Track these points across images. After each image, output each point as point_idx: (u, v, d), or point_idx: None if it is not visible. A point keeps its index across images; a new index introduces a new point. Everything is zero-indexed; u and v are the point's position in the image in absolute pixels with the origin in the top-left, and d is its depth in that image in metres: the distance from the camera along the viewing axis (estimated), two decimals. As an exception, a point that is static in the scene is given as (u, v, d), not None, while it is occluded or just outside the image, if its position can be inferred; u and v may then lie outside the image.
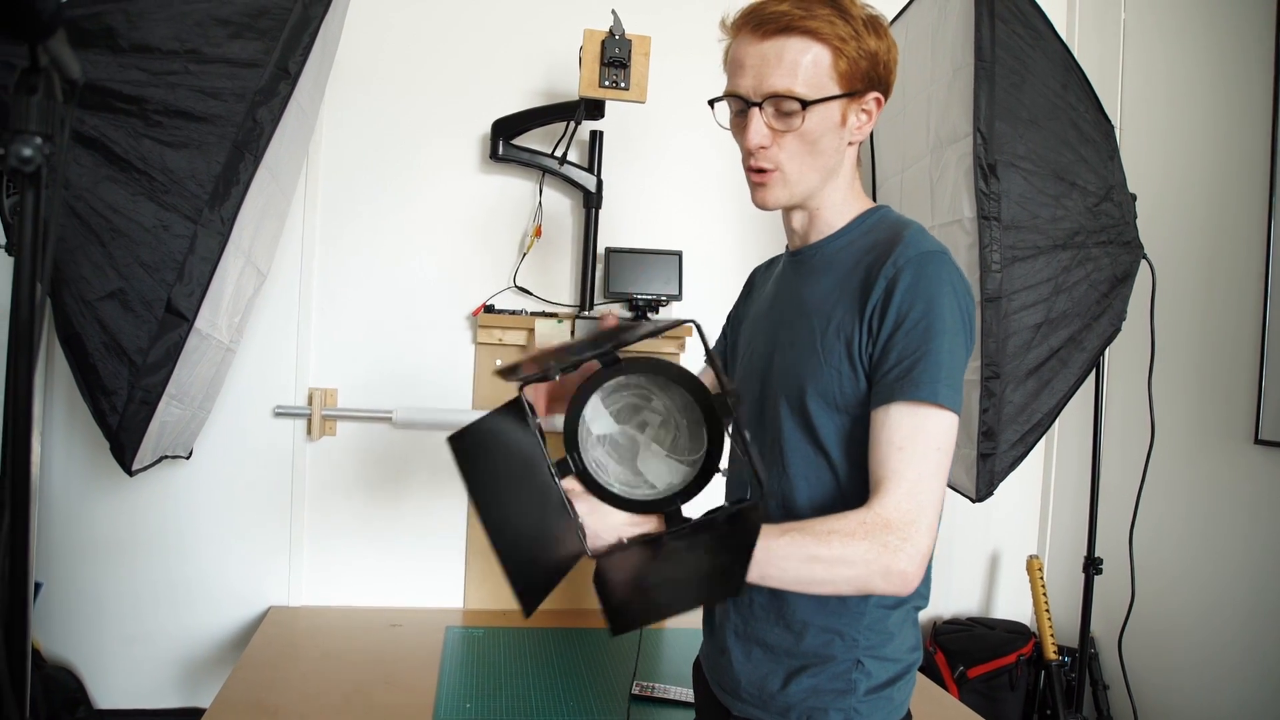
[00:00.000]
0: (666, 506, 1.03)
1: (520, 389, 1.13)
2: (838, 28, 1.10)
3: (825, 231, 1.23)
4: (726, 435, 0.99)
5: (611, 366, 1.01)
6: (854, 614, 1.16)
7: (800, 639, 1.17)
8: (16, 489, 0.82)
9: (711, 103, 1.24)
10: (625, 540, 1.05)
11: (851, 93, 1.14)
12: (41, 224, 0.81)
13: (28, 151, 0.77)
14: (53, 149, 0.79)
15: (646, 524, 1.06)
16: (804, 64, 1.11)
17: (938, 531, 1.04)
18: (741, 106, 1.16)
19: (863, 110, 1.17)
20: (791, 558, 0.99)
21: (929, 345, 1.05)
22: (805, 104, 1.11)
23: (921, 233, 1.14)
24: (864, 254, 1.16)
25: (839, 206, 1.23)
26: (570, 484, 1.05)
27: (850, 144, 1.20)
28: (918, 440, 1.04)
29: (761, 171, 1.17)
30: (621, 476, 1.06)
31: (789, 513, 1.18)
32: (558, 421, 1.08)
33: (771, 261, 1.46)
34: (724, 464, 1.00)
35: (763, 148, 1.15)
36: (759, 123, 1.13)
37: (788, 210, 1.25)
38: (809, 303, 1.20)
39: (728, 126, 1.23)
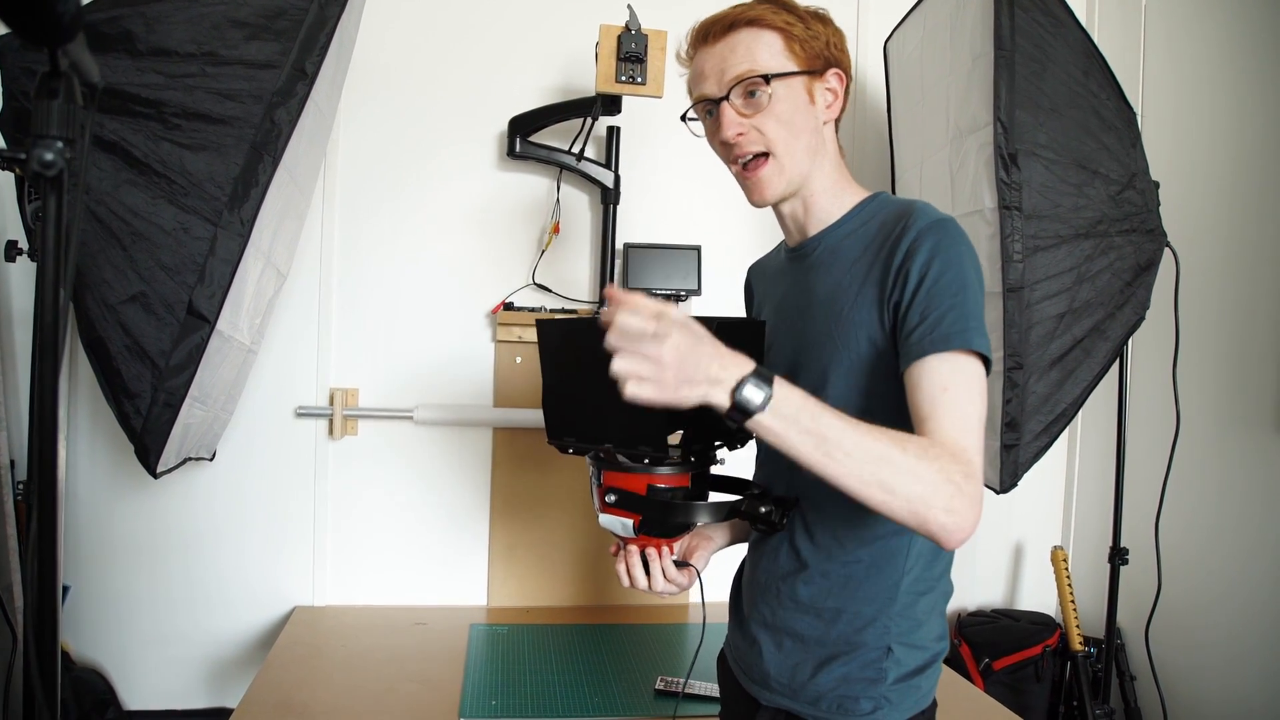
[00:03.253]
0: None
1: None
2: (781, 15, 1.17)
3: (825, 221, 1.24)
4: None
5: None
6: (886, 599, 1.16)
7: (831, 626, 1.18)
8: (43, 494, 0.82)
9: (684, 118, 1.29)
10: None
11: (811, 70, 1.18)
12: (64, 228, 0.81)
13: (50, 156, 0.77)
14: (74, 153, 0.79)
15: None
16: (759, 48, 1.16)
17: None
18: (710, 107, 1.21)
19: (827, 89, 1.21)
20: (866, 448, 0.93)
21: (956, 298, 1.05)
22: (768, 79, 1.15)
23: (928, 206, 1.15)
24: (872, 239, 1.17)
25: (833, 193, 1.24)
26: None
27: (825, 123, 1.22)
28: (959, 381, 1.03)
29: (751, 161, 1.20)
30: None
31: (816, 507, 1.19)
32: None
33: (765, 259, 1.46)
34: None
35: (740, 134, 1.18)
36: (730, 113, 1.18)
37: (780, 203, 1.25)
38: (819, 295, 1.20)
39: (704, 136, 1.28)
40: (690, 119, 1.28)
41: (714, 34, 1.19)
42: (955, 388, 1.03)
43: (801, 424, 0.92)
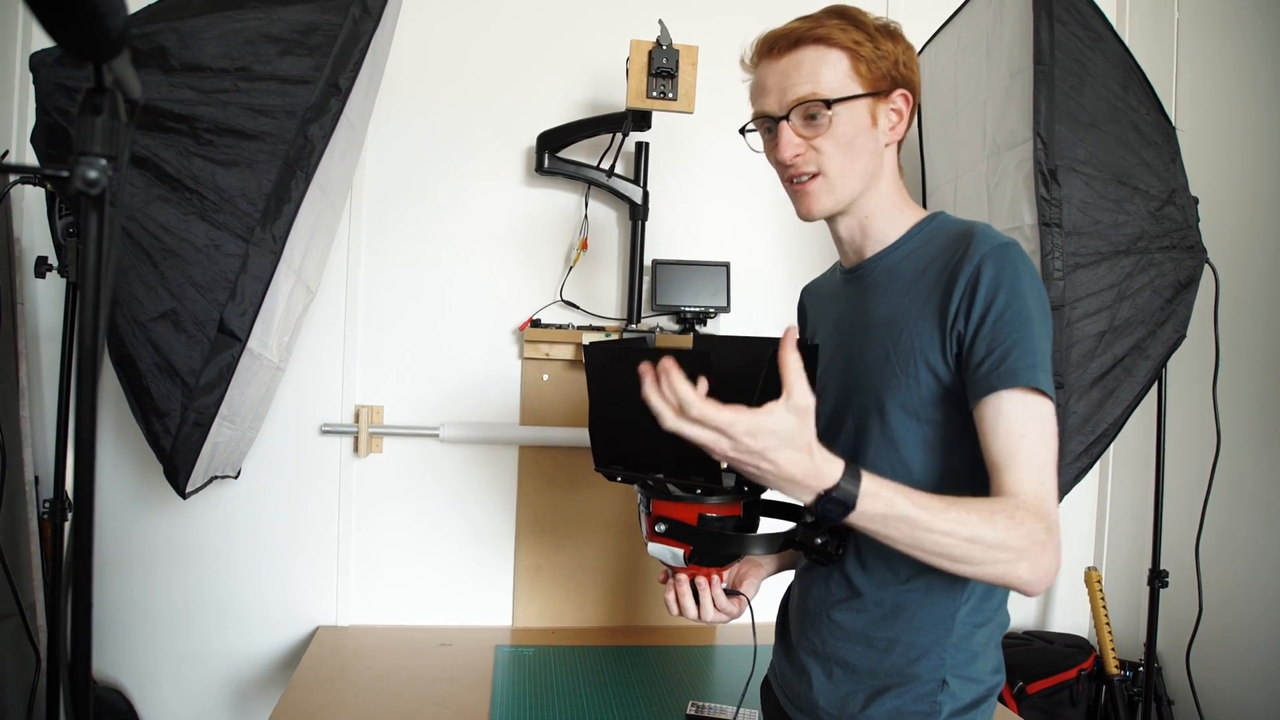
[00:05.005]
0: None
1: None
2: (850, 33, 1.13)
3: (883, 243, 1.21)
4: None
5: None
6: (942, 630, 1.13)
7: (885, 656, 1.14)
8: (81, 521, 0.80)
9: (743, 131, 1.25)
10: None
11: (876, 92, 1.14)
12: (105, 249, 0.79)
13: (94, 174, 0.74)
14: (116, 171, 0.77)
15: None
16: (823, 69, 1.12)
17: None
18: (770, 125, 1.17)
19: (892, 110, 1.17)
20: (955, 535, 0.94)
21: (1022, 332, 1.03)
22: (830, 104, 1.11)
23: (989, 228, 1.12)
24: (931, 261, 1.13)
25: (890, 215, 1.20)
26: None
27: (887, 145, 1.19)
28: (1031, 426, 1.02)
29: (803, 179, 1.17)
30: None
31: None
32: None
33: (819, 280, 1.43)
34: None
35: (798, 155, 1.15)
36: (788, 134, 1.14)
37: (834, 220, 1.23)
38: (876, 317, 1.17)
39: (762, 151, 1.24)
40: (749, 129, 1.24)
41: (779, 48, 1.15)
42: (1031, 435, 1.01)
43: (889, 520, 0.94)
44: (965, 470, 1.10)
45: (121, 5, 0.64)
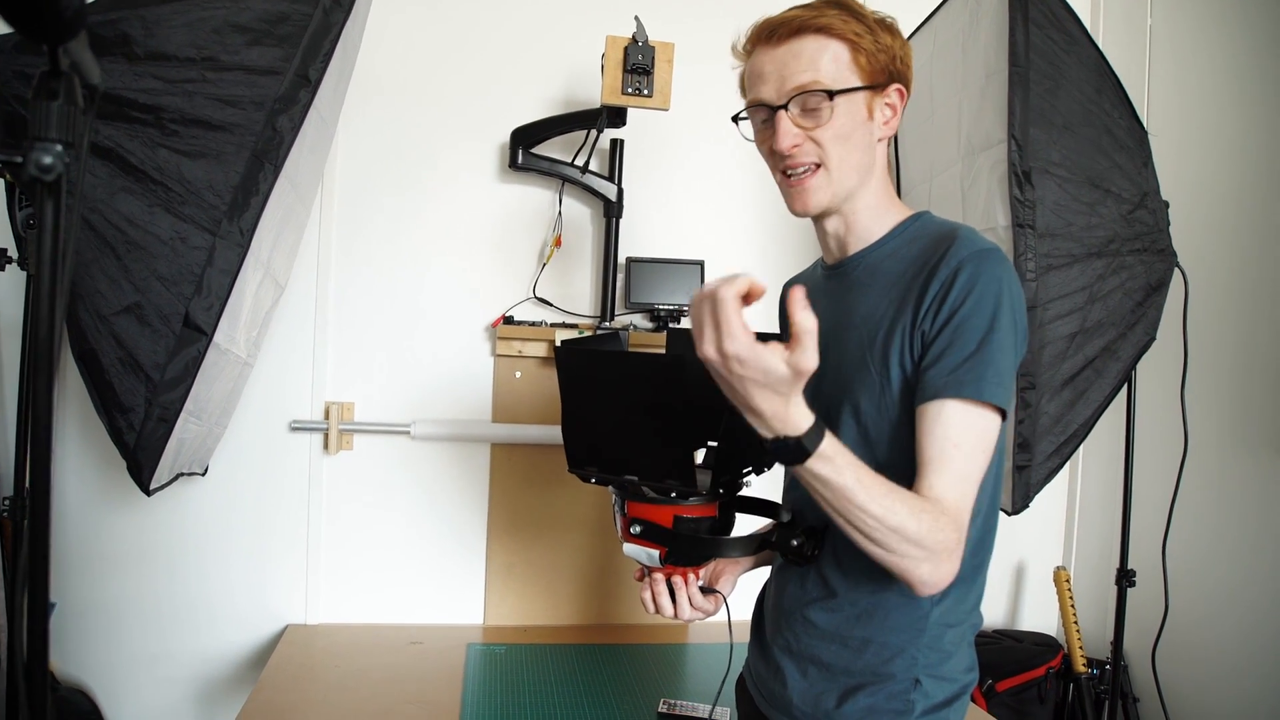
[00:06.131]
0: None
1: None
2: (850, 24, 1.11)
3: (866, 240, 1.20)
4: None
5: None
6: (915, 630, 1.13)
7: (859, 655, 1.14)
8: (36, 515, 0.78)
9: (735, 119, 1.22)
10: None
11: (874, 85, 1.13)
12: (61, 238, 0.76)
13: (48, 160, 0.72)
14: (73, 158, 0.75)
15: None
16: (823, 59, 1.10)
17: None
18: (766, 115, 1.15)
19: (887, 104, 1.16)
20: (882, 521, 0.97)
21: (982, 342, 1.02)
22: (832, 94, 1.10)
23: (973, 233, 1.11)
24: (913, 260, 1.13)
25: (876, 211, 1.20)
26: None
27: (880, 140, 1.18)
28: (967, 438, 1.02)
29: (800, 172, 1.14)
30: None
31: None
32: None
33: (802, 277, 1.42)
34: None
35: (796, 145, 1.12)
36: (787, 123, 1.12)
37: (823, 218, 1.21)
38: (856, 315, 1.16)
39: (753, 139, 1.21)
40: (742, 118, 1.21)
41: (779, 36, 1.12)
42: (965, 446, 1.02)
43: (830, 485, 0.96)
44: None
45: (76, -16, 0.62)
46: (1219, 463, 2.29)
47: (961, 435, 1.02)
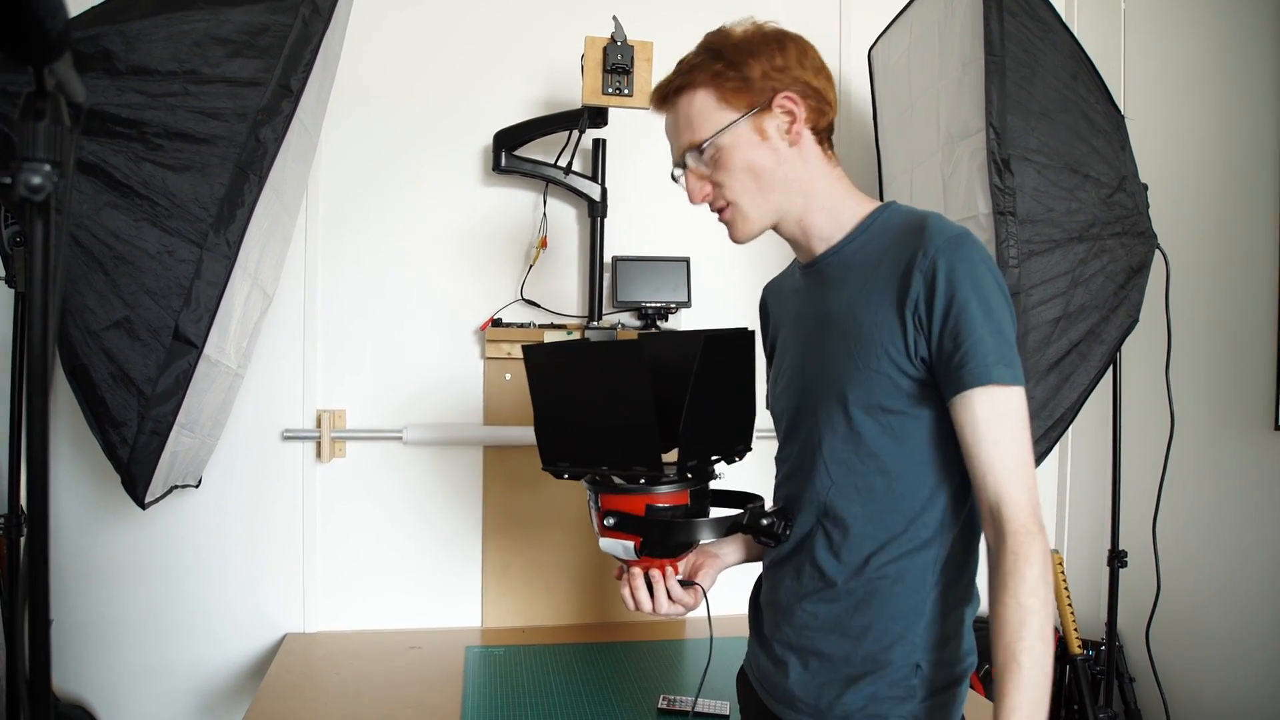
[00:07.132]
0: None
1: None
2: (711, 66, 1.17)
3: (831, 238, 1.22)
4: None
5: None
6: (914, 615, 1.14)
7: (859, 644, 1.15)
8: (35, 533, 0.78)
9: (674, 178, 1.29)
10: None
11: (751, 109, 1.17)
12: (52, 257, 0.77)
13: (37, 180, 0.73)
14: (61, 177, 0.76)
15: None
16: (693, 114, 1.18)
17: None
18: (678, 173, 1.25)
19: (781, 114, 1.18)
20: (1045, 667, 1.00)
21: (984, 327, 1.04)
22: (703, 146, 1.18)
23: (941, 219, 1.13)
24: (884, 252, 1.14)
25: (833, 210, 1.22)
26: None
27: (793, 146, 1.19)
28: (1002, 428, 1.04)
29: (721, 213, 1.24)
30: None
31: (839, 524, 1.16)
32: None
33: (780, 278, 1.45)
34: None
35: (705, 196, 1.22)
36: (689, 180, 1.23)
37: (777, 229, 1.26)
38: (835, 311, 1.18)
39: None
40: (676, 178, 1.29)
41: (662, 105, 1.23)
42: (1005, 438, 1.05)
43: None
44: (939, 459, 1.12)
45: (60, 6, 0.62)
46: (1205, 441, 2.31)
47: (997, 427, 1.04)
